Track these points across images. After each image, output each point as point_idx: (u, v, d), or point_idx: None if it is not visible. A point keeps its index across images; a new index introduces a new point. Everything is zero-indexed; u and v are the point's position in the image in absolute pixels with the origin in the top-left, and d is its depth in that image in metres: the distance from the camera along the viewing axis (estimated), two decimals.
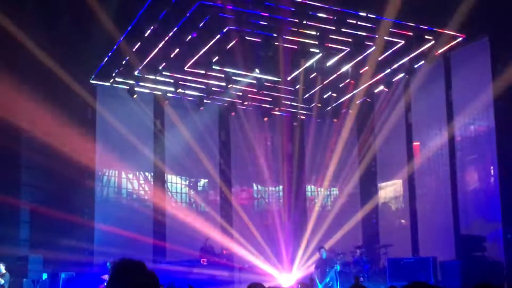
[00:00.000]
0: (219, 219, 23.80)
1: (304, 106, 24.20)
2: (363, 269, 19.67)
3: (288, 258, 23.46)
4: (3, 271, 17.83)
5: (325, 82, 21.89)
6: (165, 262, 21.15)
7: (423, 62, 19.71)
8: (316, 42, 18.59)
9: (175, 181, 23.44)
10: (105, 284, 3.57)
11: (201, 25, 17.82)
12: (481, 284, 5.08)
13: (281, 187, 25.14)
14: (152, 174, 22.93)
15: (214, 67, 20.42)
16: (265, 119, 24.10)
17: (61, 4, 18.65)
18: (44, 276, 18.66)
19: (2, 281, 17.69)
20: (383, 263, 20.19)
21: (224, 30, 18.29)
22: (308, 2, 17.12)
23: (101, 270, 18.95)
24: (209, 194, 24.25)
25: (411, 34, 18.46)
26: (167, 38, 18.47)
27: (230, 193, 24.18)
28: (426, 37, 18.62)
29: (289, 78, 21.95)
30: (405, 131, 22.25)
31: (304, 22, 17.75)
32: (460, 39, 18.79)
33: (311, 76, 21.53)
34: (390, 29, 18.08)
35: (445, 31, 18.42)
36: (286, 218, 24.62)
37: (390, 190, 23.14)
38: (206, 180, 24.13)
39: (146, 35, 18.45)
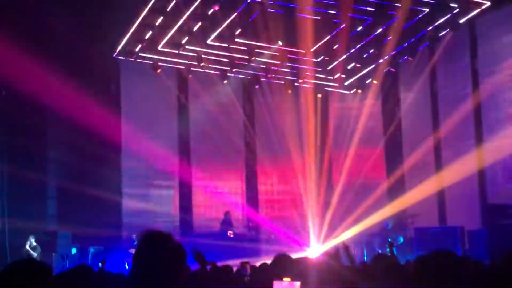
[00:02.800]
0: (245, 191, 23.92)
1: (328, 77, 24.07)
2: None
3: (314, 230, 23.52)
4: (34, 243, 18.15)
5: (348, 53, 21.73)
6: (192, 235, 21.28)
7: (448, 30, 19.45)
8: (339, 13, 18.45)
9: (200, 154, 23.50)
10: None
11: None
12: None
13: (305, 158, 25.09)
14: (177, 147, 23.00)
15: (237, 40, 20.36)
16: (289, 91, 24.03)
17: None
18: (73, 250, 18.87)
19: (35, 254, 17.95)
20: (410, 233, 20.13)
21: (247, 2, 18.18)
22: None
23: (128, 244, 19.13)
24: (234, 167, 24.29)
25: (435, 1, 18.24)
26: (189, 11, 18.43)
27: (255, 165, 24.19)
28: (450, 4, 18.38)
29: (312, 50, 21.82)
30: (430, 100, 22.09)
31: None
32: (485, 5, 18.51)
33: (335, 47, 21.37)
34: None
35: None
36: (312, 189, 24.61)
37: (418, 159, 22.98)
38: (232, 154, 24.15)
39: (168, 9, 18.43)
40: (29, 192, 19.04)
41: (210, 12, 18.39)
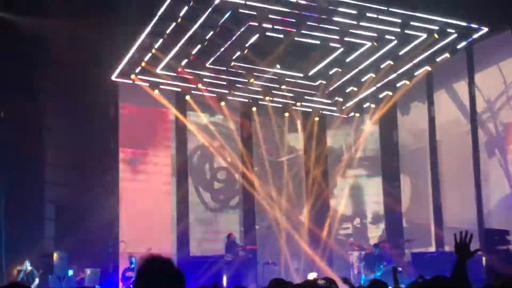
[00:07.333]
0: (241, 214, 23.88)
1: (325, 101, 24.08)
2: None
3: (311, 253, 23.51)
4: (29, 268, 17.97)
5: (346, 77, 21.79)
6: (189, 258, 21.24)
7: (446, 55, 19.51)
8: (337, 37, 18.56)
9: (198, 176, 23.57)
10: (132, 280, 3.62)
11: (221, 21, 17.82)
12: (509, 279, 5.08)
13: (303, 183, 25.11)
14: (174, 169, 22.96)
15: (235, 63, 20.41)
16: (286, 114, 24.06)
17: (83, 2, 18.80)
18: (70, 272, 18.78)
19: (37, 281, 17.83)
20: (407, 258, 20.08)
21: (245, 26, 18.24)
22: None
23: (126, 266, 19.11)
24: (231, 189, 24.31)
25: (433, 27, 18.34)
26: (188, 35, 18.50)
27: (253, 188, 24.07)
28: (448, 30, 18.49)
29: (310, 73, 21.89)
30: (427, 125, 22.12)
31: (324, 16, 17.72)
32: (483, 31, 18.59)
33: (332, 71, 21.42)
34: (412, 23, 18.00)
35: (468, 24, 18.30)
36: (307, 214, 24.59)
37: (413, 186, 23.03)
38: (229, 176, 24.21)
39: (167, 32, 18.50)
40: (27, 214, 19.01)
41: (208, 36, 18.47)
